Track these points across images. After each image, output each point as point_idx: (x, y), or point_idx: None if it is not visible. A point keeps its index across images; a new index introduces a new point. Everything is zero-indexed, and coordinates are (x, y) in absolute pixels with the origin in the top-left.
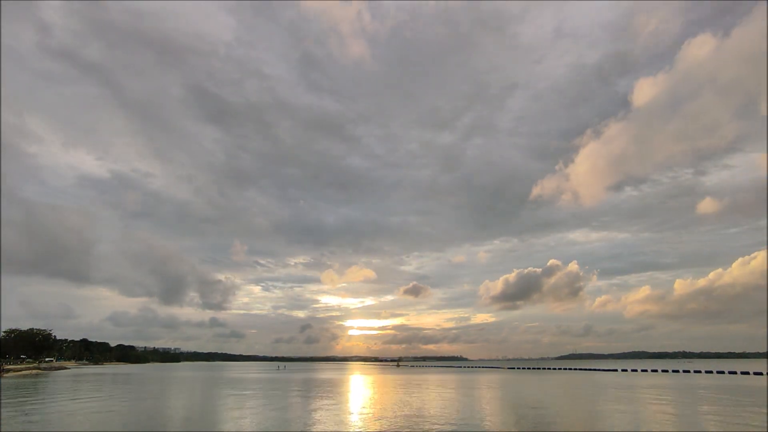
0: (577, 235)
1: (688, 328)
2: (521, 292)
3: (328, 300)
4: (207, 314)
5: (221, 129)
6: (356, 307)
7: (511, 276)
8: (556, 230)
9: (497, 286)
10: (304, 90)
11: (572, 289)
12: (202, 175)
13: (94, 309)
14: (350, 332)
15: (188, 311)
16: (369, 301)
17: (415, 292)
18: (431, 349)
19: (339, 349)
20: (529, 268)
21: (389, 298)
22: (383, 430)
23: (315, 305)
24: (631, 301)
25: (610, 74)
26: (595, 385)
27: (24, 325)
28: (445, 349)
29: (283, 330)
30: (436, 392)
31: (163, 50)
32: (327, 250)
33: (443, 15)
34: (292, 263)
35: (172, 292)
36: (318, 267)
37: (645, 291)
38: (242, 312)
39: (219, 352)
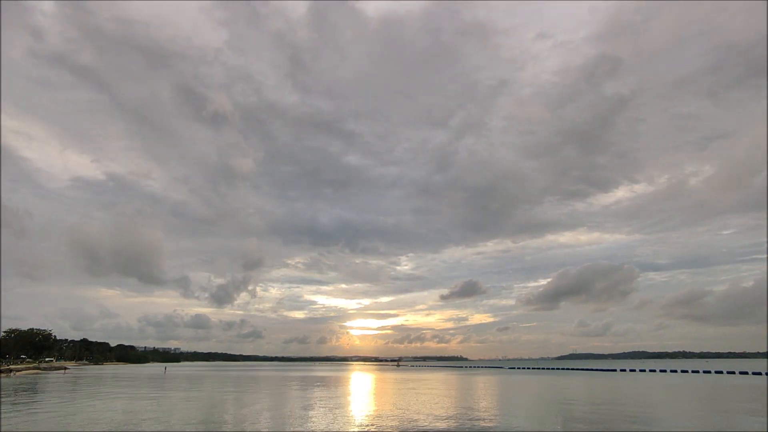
0: (571, 236)
1: (688, 328)
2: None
3: (326, 301)
4: (218, 315)
5: (215, 130)
6: (354, 307)
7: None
8: (550, 231)
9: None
10: (295, 91)
11: (623, 289)
12: (197, 176)
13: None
14: (349, 332)
15: (200, 311)
16: (367, 301)
17: (469, 291)
18: (431, 349)
19: (338, 349)
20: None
21: (386, 298)
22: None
23: (313, 306)
24: (631, 302)
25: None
26: (656, 386)
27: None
28: (445, 348)
29: (282, 331)
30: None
31: (155, 55)
32: (324, 250)
33: (426, 24)
34: (291, 263)
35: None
36: (316, 267)
37: (642, 292)
38: (241, 312)
39: (219, 352)
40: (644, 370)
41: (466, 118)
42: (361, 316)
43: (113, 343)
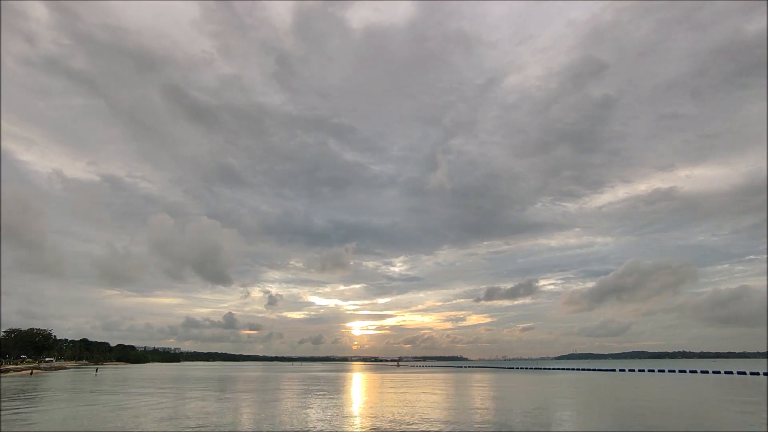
0: (564, 237)
1: (688, 327)
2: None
3: (324, 301)
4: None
5: (207, 132)
6: (352, 308)
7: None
8: (543, 232)
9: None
10: (284, 92)
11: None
12: (192, 177)
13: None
14: (349, 333)
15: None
16: (364, 301)
17: (525, 291)
18: (430, 349)
19: (338, 349)
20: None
21: (383, 299)
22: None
23: (311, 306)
24: (629, 302)
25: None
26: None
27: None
28: (445, 348)
29: (282, 331)
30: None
31: (146, 61)
32: (321, 250)
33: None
34: (287, 264)
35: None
36: (312, 268)
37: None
38: (240, 314)
39: (220, 352)
40: (663, 371)
41: (456, 118)
42: (360, 317)
43: (113, 344)
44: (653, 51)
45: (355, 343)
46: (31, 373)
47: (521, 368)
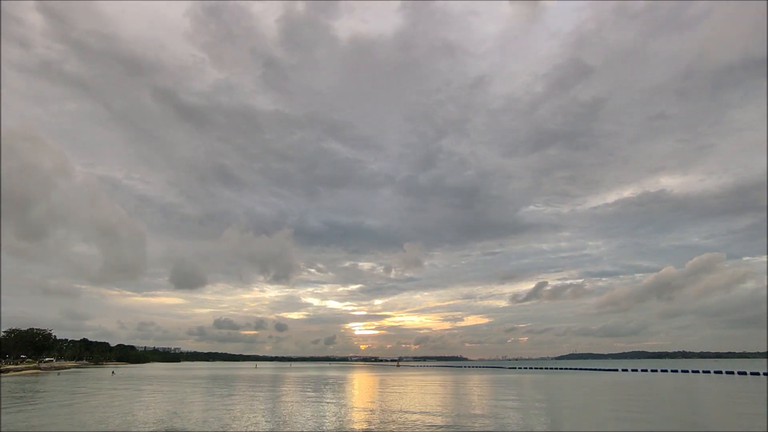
0: (558, 238)
1: (688, 328)
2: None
3: (323, 302)
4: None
5: (201, 135)
6: (352, 308)
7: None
8: (538, 232)
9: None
10: (276, 93)
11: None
12: (188, 178)
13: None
14: (348, 333)
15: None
16: (363, 302)
17: (524, 292)
18: (430, 349)
19: (338, 349)
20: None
21: (381, 300)
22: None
23: (310, 307)
24: (626, 301)
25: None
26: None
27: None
28: (445, 349)
29: (281, 332)
30: None
31: (139, 67)
32: (318, 250)
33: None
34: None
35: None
36: (311, 268)
37: (636, 291)
38: (240, 314)
39: (220, 352)
40: (665, 370)
41: (447, 116)
42: (359, 318)
43: (113, 343)
44: (639, 54)
45: (355, 343)
46: (58, 374)
47: (528, 368)
